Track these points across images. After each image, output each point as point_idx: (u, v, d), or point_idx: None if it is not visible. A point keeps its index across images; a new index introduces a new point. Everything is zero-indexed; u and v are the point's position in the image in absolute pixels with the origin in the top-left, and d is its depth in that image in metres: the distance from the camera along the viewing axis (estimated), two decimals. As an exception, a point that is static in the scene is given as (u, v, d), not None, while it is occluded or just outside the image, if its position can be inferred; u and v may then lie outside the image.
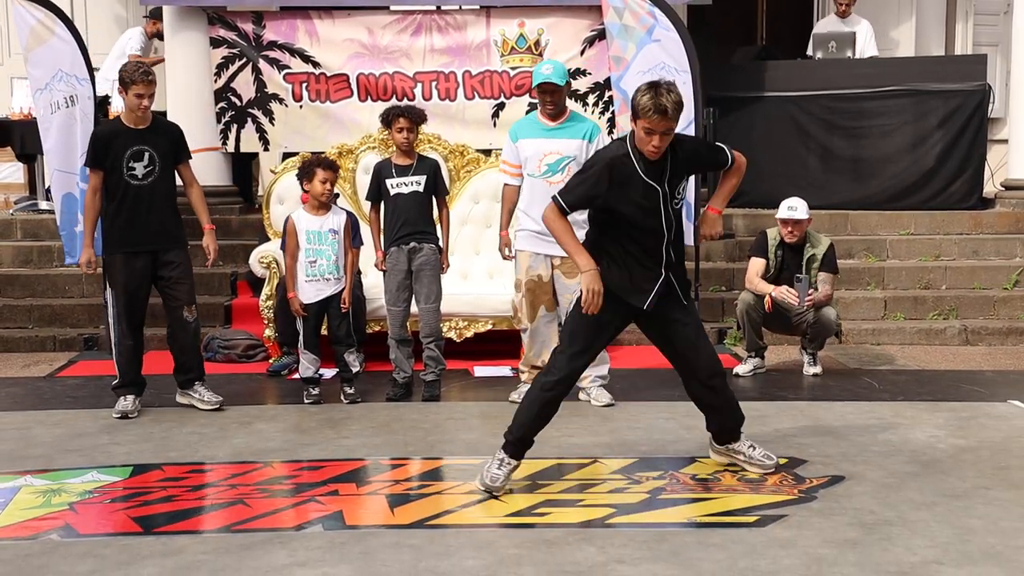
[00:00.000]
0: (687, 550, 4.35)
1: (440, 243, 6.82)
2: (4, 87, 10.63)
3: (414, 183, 6.70)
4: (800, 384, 7.19)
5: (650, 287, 4.96)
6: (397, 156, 6.80)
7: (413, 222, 6.69)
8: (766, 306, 7.10)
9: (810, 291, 7.06)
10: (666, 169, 4.86)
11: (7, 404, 6.72)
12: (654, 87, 4.73)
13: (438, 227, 6.89)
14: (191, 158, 6.56)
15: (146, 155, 6.23)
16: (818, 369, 7.35)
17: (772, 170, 9.68)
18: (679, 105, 4.71)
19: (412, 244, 6.69)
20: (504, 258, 6.71)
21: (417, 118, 6.75)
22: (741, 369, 7.32)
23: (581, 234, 6.40)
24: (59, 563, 4.27)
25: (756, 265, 7.28)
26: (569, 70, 9.04)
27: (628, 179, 4.82)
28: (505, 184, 6.58)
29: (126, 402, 6.35)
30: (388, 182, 6.72)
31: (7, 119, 9.68)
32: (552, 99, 6.36)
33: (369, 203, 6.93)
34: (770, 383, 7.17)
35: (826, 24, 10.53)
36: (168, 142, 6.35)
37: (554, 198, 4.94)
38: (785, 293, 7.05)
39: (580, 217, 6.41)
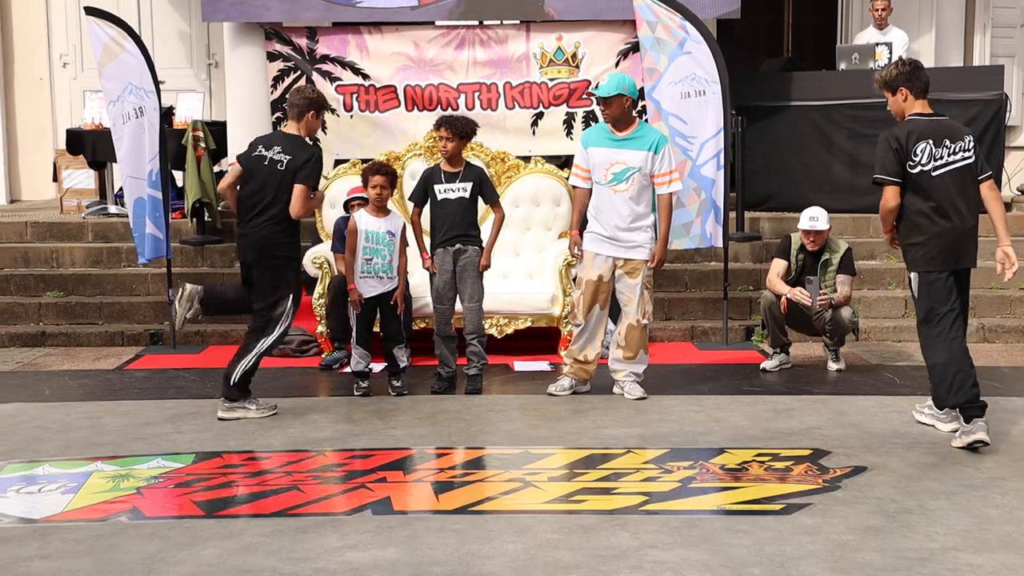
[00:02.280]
0: (716, 536, 4.33)
1: (483, 244, 6.82)
2: (78, 99, 10.76)
3: (461, 189, 6.71)
4: (824, 379, 7.13)
5: None
6: (445, 163, 6.81)
7: (459, 226, 6.71)
8: (782, 307, 7.08)
9: (823, 291, 7.01)
10: None
11: (79, 395, 6.80)
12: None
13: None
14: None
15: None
16: (841, 365, 7.29)
17: (798, 176, 9.58)
18: None
19: (457, 246, 6.70)
20: (572, 255, 6.77)
21: (460, 131, 6.69)
22: (767, 364, 7.28)
23: (646, 235, 6.44)
24: (128, 543, 4.32)
25: (778, 266, 7.24)
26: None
27: None
28: (575, 187, 6.67)
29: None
30: (436, 188, 6.73)
31: (80, 129, 9.80)
32: (606, 110, 6.44)
33: (413, 204, 6.95)
34: (795, 378, 7.12)
35: (865, 35, 10.43)
36: None
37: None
38: (799, 294, 7.02)
39: (646, 222, 6.44)
